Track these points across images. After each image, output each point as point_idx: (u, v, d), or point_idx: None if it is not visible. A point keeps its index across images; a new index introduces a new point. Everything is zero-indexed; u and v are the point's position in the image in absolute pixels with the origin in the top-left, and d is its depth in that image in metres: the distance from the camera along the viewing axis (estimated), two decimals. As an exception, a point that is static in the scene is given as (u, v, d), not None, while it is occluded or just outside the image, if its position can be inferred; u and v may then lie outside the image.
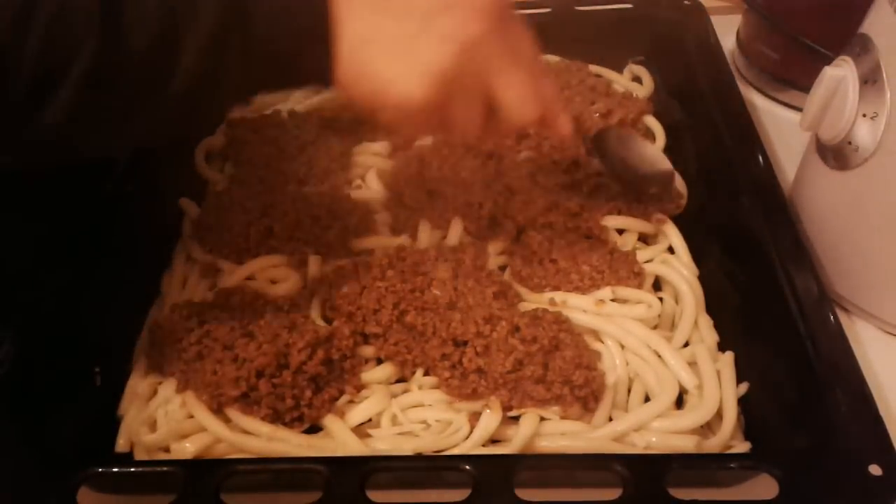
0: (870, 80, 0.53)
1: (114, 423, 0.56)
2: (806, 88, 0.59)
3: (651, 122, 0.74)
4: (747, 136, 0.64)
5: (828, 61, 0.57)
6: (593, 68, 0.81)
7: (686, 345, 0.58)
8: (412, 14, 0.44)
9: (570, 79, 0.78)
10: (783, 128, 0.76)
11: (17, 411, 0.52)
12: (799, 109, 0.62)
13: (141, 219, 0.66)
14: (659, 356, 0.56)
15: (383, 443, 0.53)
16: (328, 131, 0.75)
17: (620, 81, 0.81)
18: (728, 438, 0.52)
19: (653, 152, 0.69)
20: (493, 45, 0.46)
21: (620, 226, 0.65)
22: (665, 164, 0.68)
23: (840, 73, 0.55)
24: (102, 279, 0.60)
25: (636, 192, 0.66)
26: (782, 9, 0.74)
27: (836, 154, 0.57)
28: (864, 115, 0.53)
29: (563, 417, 0.53)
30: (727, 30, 0.86)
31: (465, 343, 0.55)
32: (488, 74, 0.47)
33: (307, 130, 0.75)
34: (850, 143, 0.55)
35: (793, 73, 0.77)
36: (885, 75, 0.52)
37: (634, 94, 0.79)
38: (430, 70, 0.45)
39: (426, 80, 0.45)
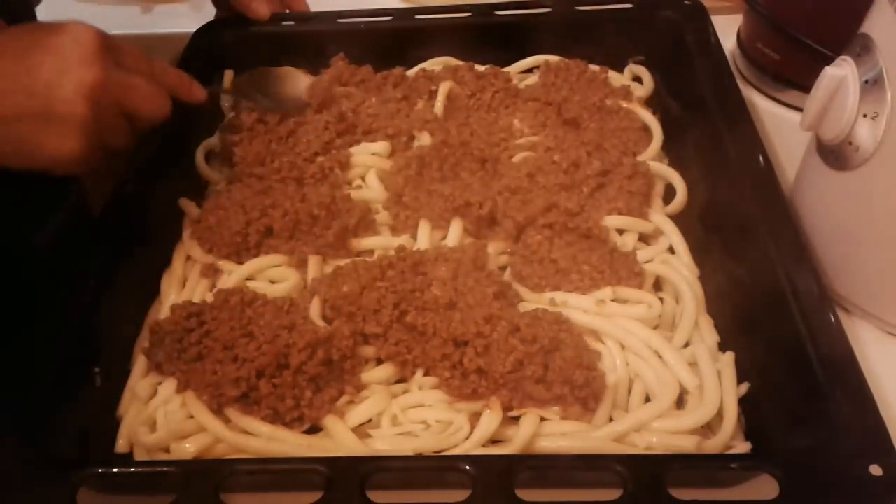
0: (870, 80, 0.53)
1: (113, 424, 0.56)
2: (806, 88, 0.59)
3: (648, 119, 0.74)
4: (748, 136, 0.64)
5: (828, 61, 0.57)
6: (593, 68, 0.81)
7: (686, 345, 0.58)
8: (34, 88, 0.54)
9: (570, 77, 0.78)
10: (783, 128, 0.76)
11: (17, 412, 0.52)
12: (799, 109, 0.62)
13: (141, 219, 0.66)
14: (659, 356, 0.56)
15: (383, 443, 0.53)
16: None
17: (619, 81, 0.81)
18: (728, 439, 0.52)
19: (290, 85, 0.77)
20: (111, 78, 0.56)
21: (621, 226, 0.65)
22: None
23: (841, 74, 0.55)
24: (102, 279, 0.60)
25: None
26: (783, 9, 0.74)
27: (836, 154, 0.57)
28: (865, 116, 0.53)
29: (563, 418, 0.53)
30: (728, 30, 0.86)
31: (466, 343, 0.54)
32: (119, 102, 0.58)
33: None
34: (850, 143, 0.55)
35: (793, 73, 0.77)
36: (885, 75, 0.52)
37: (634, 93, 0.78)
38: (75, 127, 0.54)
39: (75, 136, 0.55)
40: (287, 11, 0.85)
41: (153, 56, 0.64)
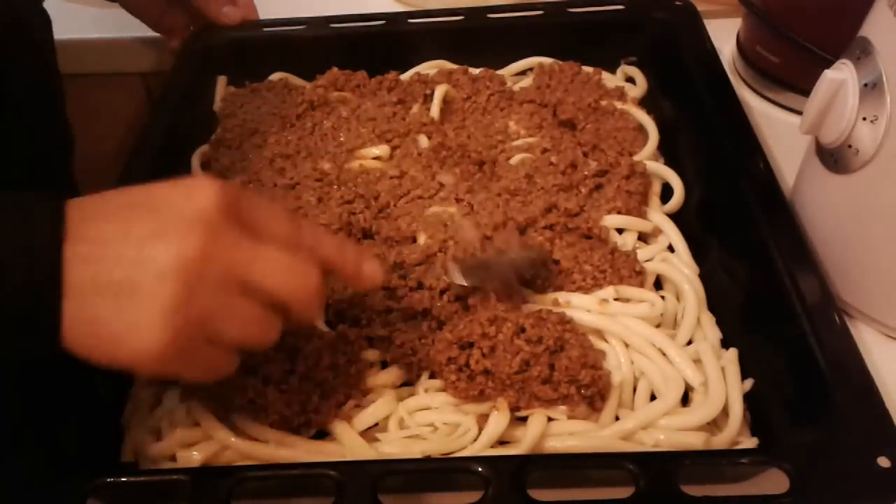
0: (870, 83, 0.53)
1: (118, 433, 0.56)
2: (806, 92, 0.59)
3: (644, 119, 0.75)
4: (745, 136, 0.65)
5: (827, 65, 0.58)
6: (587, 70, 0.81)
7: (689, 342, 0.58)
8: (126, 256, 0.40)
9: (565, 79, 0.78)
10: (783, 131, 0.77)
11: (21, 423, 0.51)
12: (799, 113, 0.62)
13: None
14: (664, 354, 0.56)
15: (391, 447, 0.53)
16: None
17: (613, 82, 0.82)
18: (735, 434, 0.52)
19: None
20: (221, 248, 0.41)
21: (620, 225, 0.65)
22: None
23: (840, 77, 0.55)
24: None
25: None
26: (782, 12, 0.75)
27: (835, 157, 0.57)
28: (865, 119, 0.54)
29: (569, 417, 0.54)
30: (727, 33, 0.86)
31: (471, 345, 0.55)
32: (239, 279, 0.42)
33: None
34: (850, 146, 0.55)
35: (793, 77, 0.78)
36: (885, 78, 0.52)
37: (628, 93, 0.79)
38: (158, 313, 0.40)
39: (158, 326, 0.40)
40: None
41: (298, 222, 0.46)
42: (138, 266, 0.40)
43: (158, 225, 0.41)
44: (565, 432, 0.53)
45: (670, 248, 0.65)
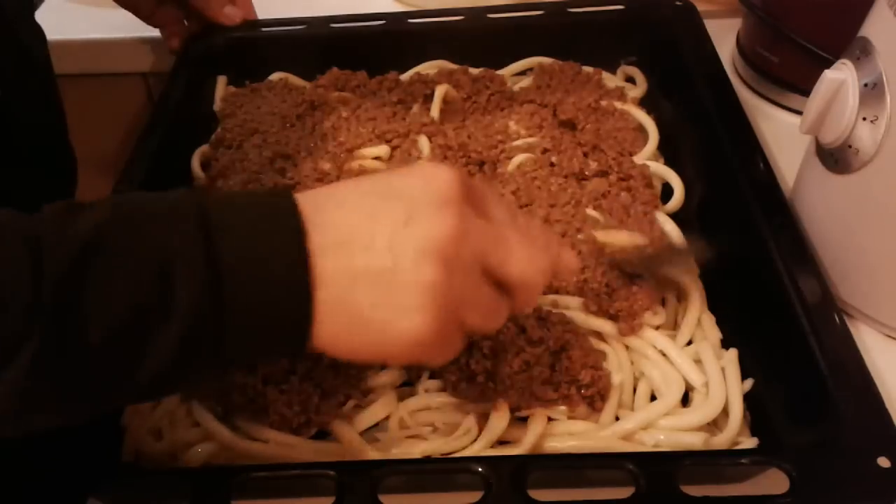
0: (870, 83, 0.53)
1: (118, 434, 0.56)
2: (806, 92, 0.59)
3: (644, 119, 0.75)
4: (745, 136, 0.65)
5: (827, 65, 0.58)
6: (586, 70, 0.81)
7: (689, 342, 0.58)
8: (378, 243, 0.39)
9: (566, 79, 0.78)
10: (783, 131, 0.77)
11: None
12: (799, 113, 0.62)
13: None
14: (664, 354, 0.56)
15: (391, 447, 0.53)
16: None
17: (613, 82, 0.82)
18: (735, 435, 0.52)
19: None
20: (471, 229, 0.41)
21: (611, 240, 0.64)
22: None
23: (840, 77, 0.55)
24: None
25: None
26: (782, 12, 0.75)
27: (836, 157, 0.57)
28: (865, 119, 0.54)
29: (570, 417, 0.54)
30: (727, 33, 0.86)
31: (472, 345, 0.55)
32: (482, 261, 0.42)
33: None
34: (850, 146, 0.55)
35: (793, 77, 0.78)
36: (885, 78, 0.52)
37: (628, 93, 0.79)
38: (422, 295, 0.39)
39: (424, 308, 0.39)
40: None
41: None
42: (393, 251, 0.39)
43: (405, 210, 0.40)
44: (565, 432, 0.53)
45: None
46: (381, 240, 0.39)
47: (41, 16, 0.84)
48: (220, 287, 0.38)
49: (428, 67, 0.84)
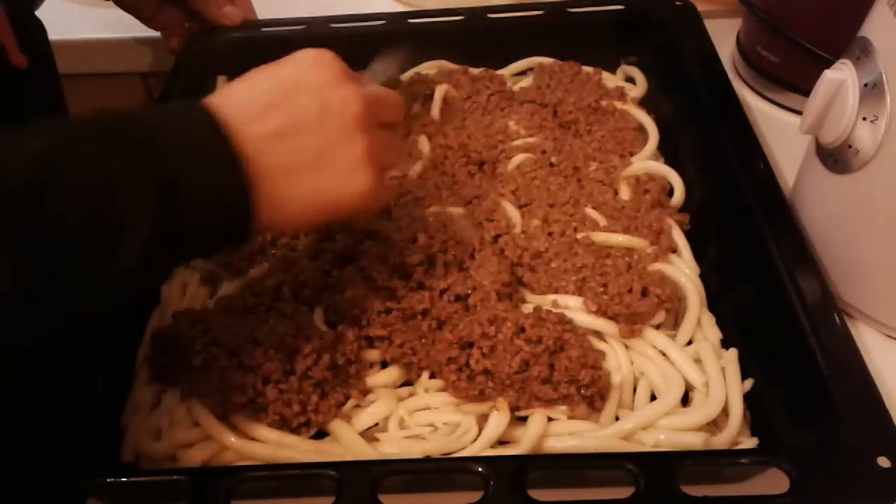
0: (870, 83, 0.53)
1: (118, 434, 0.56)
2: (806, 92, 0.59)
3: (644, 119, 0.75)
4: (745, 136, 0.65)
5: (828, 65, 0.58)
6: (586, 70, 0.81)
7: (689, 342, 0.58)
8: (305, 129, 0.47)
9: (566, 79, 0.78)
10: (783, 131, 0.77)
11: (20, 423, 0.51)
12: (799, 113, 0.62)
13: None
14: (664, 354, 0.56)
15: (391, 447, 0.53)
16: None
17: (614, 82, 0.81)
18: (735, 434, 0.52)
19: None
20: (363, 94, 0.49)
21: (609, 242, 0.64)
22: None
23: (840, 77, 0.55)
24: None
25: None
26: (782, 12, 0.75)
27: (836, 157, 0.57)
28: (865, 119, 0.54)
29: (570, 417, 0.54)
30: (727, 33, 0.86)
31: (471, 345, 0.55)
32: (375, 115, 0.50)
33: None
34: (850, 146, 0.55)
35: (793, 77, 0.78)
36: (885, 79, 0.52)
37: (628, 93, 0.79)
38: (358, 160, 0.48)
39: (363, 169, 0.49)
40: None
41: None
42: (324, 133, 0.47)
43: (317, 98, 0.47)
44: (565, 432, 0.53)
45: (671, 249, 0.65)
46: (308, 126, 0.47)
47: (41, 16, 0.84)
48: (169, 195, 0.42)
49: (428, 67, 0.83)
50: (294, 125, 0.47)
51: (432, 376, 0.57)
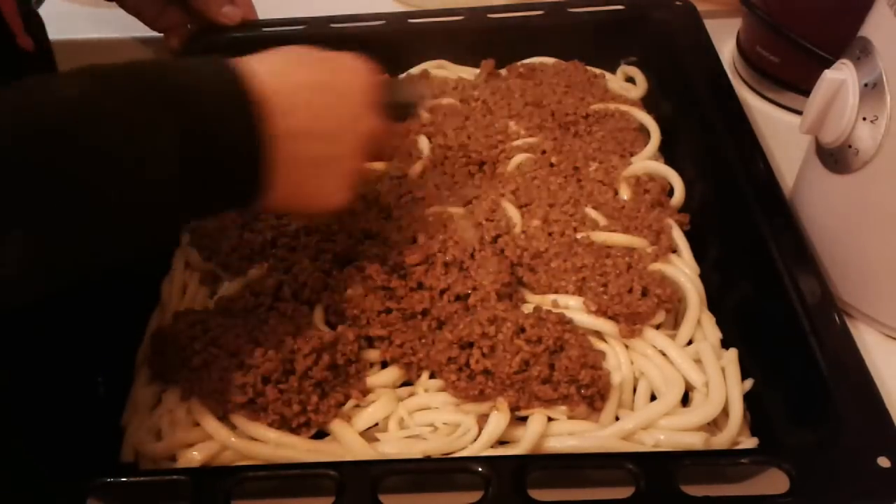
0: (870, 83, 0.53)
1: (118, 433, 0.56)
2: (806, 92, 0.59)
3: (645, 119, 0.75)
4: (745, 136, 0.65)
5: (828, 65, 0.58)
6: (587, 70, 0.81)
7: (689, 342, 0.58)
8: (330, 131, 0.50)
9: (566, 79, 0.78)
10: (783, 131, 0.77)
11: (20, 423, 0.51)
12: (799, 113, 0.62)
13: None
14: (664, 354, 0.56)
15: (391, 447, 0.53)
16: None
17: (614, 82, 0.82)
18: (735, 434, 0.52)
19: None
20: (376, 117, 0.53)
21: (609, 242, 0.64)
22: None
23: (840, 77, 0.55)
24: (101, 286, 0.59)
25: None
26: (782, 12, 0.75)
27: (835, 157, 0.57)
28: (865, 119, 0.54)
29: (570, 417, 0.54)
30: (727, 33, 0.86)
31: (471, 345, 0.55)
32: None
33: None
34: (850, 146, 0.55)
35: (793, 77, 0.78)
36: (885, 78, 0.52)
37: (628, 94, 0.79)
38: (352, 179, 0.53)
39: (351, 188, 0.53)
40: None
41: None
42: (342, 143, 0.51)
43: (350, 110, 0.51)
44: (565, 432, 0.53)
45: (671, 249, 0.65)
46: (331, 134, 0.50)
47: (41, 14, 0.84)
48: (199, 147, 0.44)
49: (428, 67, 0.83)
50: (322, 129, 0.50)
51: (432, 376, 0.57)
